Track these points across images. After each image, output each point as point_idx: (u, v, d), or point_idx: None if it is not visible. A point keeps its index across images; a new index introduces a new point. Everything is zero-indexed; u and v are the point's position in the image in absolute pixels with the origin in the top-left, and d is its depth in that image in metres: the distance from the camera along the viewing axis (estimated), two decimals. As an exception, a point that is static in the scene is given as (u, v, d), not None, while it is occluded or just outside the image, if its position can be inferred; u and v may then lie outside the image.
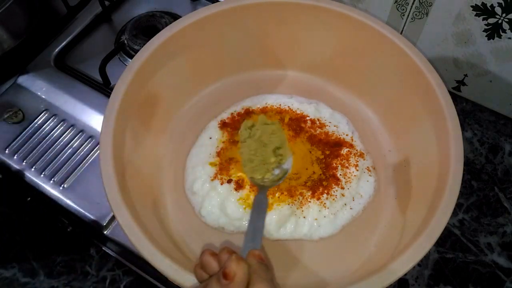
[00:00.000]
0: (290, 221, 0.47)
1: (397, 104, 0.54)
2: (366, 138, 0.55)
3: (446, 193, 0.41)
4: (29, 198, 0.56)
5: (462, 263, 0.52)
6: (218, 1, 0.54)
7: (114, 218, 0.51)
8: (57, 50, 0.64)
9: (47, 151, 0.55)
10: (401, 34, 0.57)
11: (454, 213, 0.51)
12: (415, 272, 0.52)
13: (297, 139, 0.52)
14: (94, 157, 0.55)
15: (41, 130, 0.57)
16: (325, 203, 0.48)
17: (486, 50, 0.56)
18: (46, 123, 0.57)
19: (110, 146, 0.43)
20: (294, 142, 0.52)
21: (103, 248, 0.53)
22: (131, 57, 0.62)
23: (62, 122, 0.57)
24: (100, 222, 0.51)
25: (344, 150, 0.52)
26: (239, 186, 0.48)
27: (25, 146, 0.56)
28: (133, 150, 0.47)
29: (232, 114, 0.55)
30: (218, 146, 0.52)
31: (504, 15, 0.51)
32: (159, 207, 0.49)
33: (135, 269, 0.52)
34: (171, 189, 0.51)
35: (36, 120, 0.58)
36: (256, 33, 0.56)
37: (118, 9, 0.70)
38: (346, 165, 0.51)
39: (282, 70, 0.60)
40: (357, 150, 0.53)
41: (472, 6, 0.52)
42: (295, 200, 0.48)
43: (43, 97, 0.60)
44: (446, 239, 0.53)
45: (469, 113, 0.63)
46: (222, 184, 0.49)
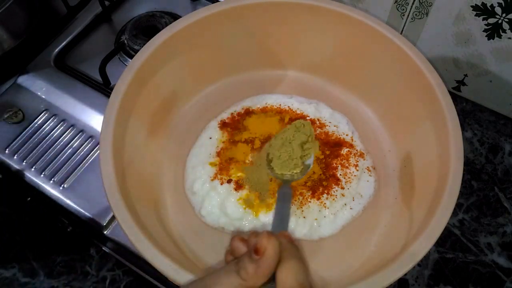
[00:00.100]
0: (290, 221, 0.47)
1: (397, 104, 0.54)
2: (366, 138, 0.55)
3: (446, 193, 0.41)
4: (29, 198, 0.56)
5: (462, 263, 0.52)
6: (218, 1, 0.54)
7: (114, 218, 0.51)
8: (57, 50, 0.64)
9: (47, 151, 0.55)
10: (401, 34, 0.57)
11: (454, 213, 0.51)
12: (415, 272, 0.52)
13: (297, 139, 0.52)
14: (94, 157, 0.55)
15: (41, 130, 0.57)
16: (325, 203, 0.48)
17: (486, 50, 0.56)
18: (46, 123, 0.57)
19: (110, 146, 0.43)
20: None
21: (103, 248, 0.53)
22: (131, 57, 0.62)
23: (62, 122, 0.57)
24: (100, 222, 0.51)
25: (344, 150, 0.52)
26: (239, 186, 0.48)
27: (25, 146, 0.56)
28: (133, 150, 0.47)
29: (232, 114, 0.55)
30: (218, 146, 0.52)
31: (504, 15, 0.51)
32: (159, 207, 0.49)
33: (135, 269, 0.52)
34: (171, 189, 0.51)
35: (36, 120, 0.58)
36: (256, 33, 0.56)
37: (118, 9, 0.70)
38: (346, 165, 0.51)
39: (282, 70, 0.60)
40: (357, 150, 0.53)
41: (472, 6, 0.52)
42: (295, 200, 0.48)
43: (43, 97, 0.60)
44: (446, 239, 0.53)
45: (469, 113, 0.63)
46: (222, 184, 0.49)
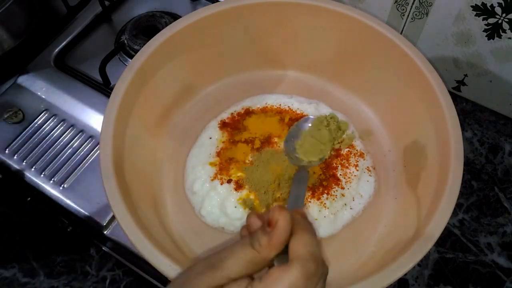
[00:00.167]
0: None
1: (397, 104, 0.54)
2: (366, 138, 0.55)
3: (446, 193, 0.41)
4: (29, 198, 0.56)
5: (462, 263, 0.52)
6: (218, 1, 0.54)
7: (114, 218, 0.51)
8: (57, 50, 0.64)
9: (47, 151, 0.55)
10: (401, 34, 0.57)
11: (454, 213, 0.51)
12: (415, 272, 0.52)
13: (297, 139, 0.52)
14: (94, 157, 0.55)
15: (41, 130, 0.57)
16: (325, 203, 0.48)
17: (486, 50, 0.56)
18: (46, 123, 0.57)
19: (110, 146, 0.43)
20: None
21: (103, 248, 0.53)
22: (131, 57, 0.62)
23: (62, 122, 0.57)
24: (100, 222, 0.51)
25: (344, 150, 0.52)
26: (239, 186, 0.48)
27: (25, 146, 0.56)
28: (133, 150, 0.47)
29: (232, 114, 0.55)
30: (218, 146, 0.52)
31: (504, 15, 0.51)
32: (159, 207, 0.49)
33: (135, 269, 0.52)
34: (171, 189, 0.51)
35: (36, 120, 0.58)
36: (256, 33, 0.56)
37: (118, 9, 0.70)
38: (346, 165, 0.51)
39: (282, 70, 0.60)
40: (357, 150, 0.53)
41: (472, 6, 0.52)
42: (295, 200, 0.48)
43: (43, 97, 0.60)
44: (446, 239, 0.53)
45: (469, 113, 0.63)
46: (222, 184, 0.49)
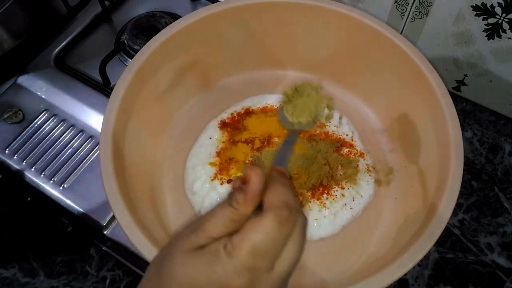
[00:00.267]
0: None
1: (397, 104, 0.54)
2: (366, 138, 0.55)
3: (446, 193, 0.41)
4: (29, 198, 0.56)
5: (462, 263, 0.52)
6: (218, 1, 0.54)
7: (114, 218, 0.51)
8: (57, 50, 0.64)
9: (47, 151, 0.55)
10: (401, 34, 0.57)
11: (454, 213, 0.51)
12: (415, 272, 0.52)
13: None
14: (94, 157, 0.55)
15: (41, 130, 0.57)
16: (325, 203, 0.48)
17: (486, 50, 0.56)
18: (46, 123, 0.57)
19: (110, 146, 0.43)
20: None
21: (103, 248, 0.53)
22: (131, 57, 0.62)
23: (62, 122, 0.57)
24: (100, 222, 0.51)
25: (344, 150, 0.52)
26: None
27: (25, 146, 0.56)
28: (133, 150, 0.47)
29: (232, 114, 0.55)
30: (218, 146, 0.52)
31: (504, 15, 0.51)
32: (159, 207, 0.49)
33: (135, 269, 0.52)
34: (171, 189, 0.51)
35: (36, 120, 0.58)
36: (256, 33, 0.56)
37: (118, 9, 0.70)
38: (346, 165, 0.51)
39: (282, 70, 0.60)
40: (357, 150, 0.53)
41: (472, 6, 0.52)
42: (295, 200, 0.48)
43: (43, 97, 0.60)
44: (446, 239, 0.53)
45: (469, 113, 0.63)
46: (222, 184, 0.49)
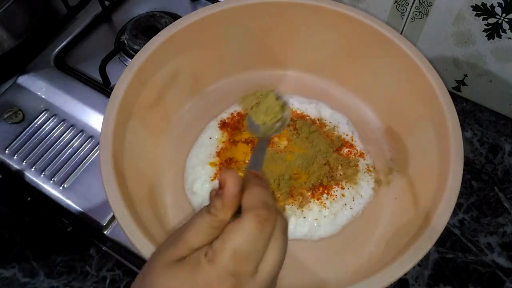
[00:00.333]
0: (290, 221, 0.47)
1: (397, 104, 0.53)
2: (366, 138, 0.55)
3: (446, 193, 0.41)
4: (29, 198, 0.56)
5: (462, 263, 0.52)
6: (218, 1, 0.54)
7: (114, 218, 0.51)
8: (57, 50, 0.64)
9: (47, 151, 0.55)
10: (401, 34, 0.57)
11: (454, 213, 0.51)
12: (415, 272, 0.52)
13: (297, 139, 0.52)
14: (94, 157, 0.55)
15: (41, 130, 0.57)
16: (325, 203, 0.48)
17: (486, 50, 0.56)
18: (46, 123, 0.57)
19: (110, 146, 0.43)
20: (294, 142, 0.52)
21: (103, 248, 0.53)
22: (131, 57, 0.62)
23: (62, 122, 0.57)
24: (100, 222, 0.51)
25: (344, 150, 0.52)
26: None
27: (25, 146, 0.56)
28: (133, 150, 0.47)
29: (232, 114, 0.55)
30: (218, 146, 0.52)
31: (504, 15, 0.51)
32: (159, 207, 0.49)
33: (135, 269, 0.52)
34: (171, 189, 0.51)
35: (36, 120, 0.58)
36: (256, 33, 0.56)
37: (118, 9, 0.70)
38: (346, 165, 0.51)
39: (282, 70, 0.60)
40: (357, 150, 0.53)
41: (472, 6, 0.52)
42: (295, 200, 0.48)
43: (43, 97, 0.60)
44: (446, 239, 0.53)
45: (469, 113, 0.63)
46: (222, 184, 0.49)
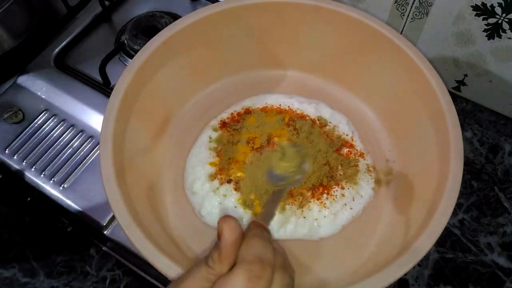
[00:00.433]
0: (290, 221, 0.47)
1: (397, 104, 0.53)
2: (366, 138, 0.55)
3: (446, 193, 0.41)
4: (29, 198, 0.56)
5: (462, 263, 0.52)
6: (218, 1, 0.54)
7: (114, 218, 0.51)
8: (57, 50, 0.64)
9: (47, 151, 0.55)
10: (401, 34, 0.57)
11: (454, 213, 0.51)
12: (415, 272, 0.52)
13: (297, 139, 0.52)
14: (94, 157, 0.55)
15: (41, 130, 0.57)
16: (325, 203, 0.48)
17: (486, 50, 0.56)
18: (46, 123, 0.57)
19: (110, 146, 0.43)
20: (294, 142, 0.52)
21: (103, 248, 0.53)
22: (131, 57, 0.62)
23: (62, 122, 0.57)
24: (100, 222, 0.51)
25: (344, 150, 0.52)
26: (239, 186, 0.48)
27: (25, 146, 0.56)
28: (133, 150, 0.47)
29: (232, 114, 0.55)
30: (218, 146, 0.52)
31: (504, 15, 0.51)
32: (159, 207, 0.49)
33: (135, 269, 0.52)
34: (171, 189, 0.51)
35: (36, 120, 0.58)
36: (256, 33, 0.56)
37: (118, 9, 0.70)
38: (346, 165, 0.51)
39: (282, 70, 0.60)
40: (357, 150, 0.53)
41: (472, 6, 0.52)
42: (295, 200, 0.48)
43: (43, 97, 0.60)
44: (446, 239, 0.53)
45: (469, 113, 0.63)
46: (222, 184, 0.49)
